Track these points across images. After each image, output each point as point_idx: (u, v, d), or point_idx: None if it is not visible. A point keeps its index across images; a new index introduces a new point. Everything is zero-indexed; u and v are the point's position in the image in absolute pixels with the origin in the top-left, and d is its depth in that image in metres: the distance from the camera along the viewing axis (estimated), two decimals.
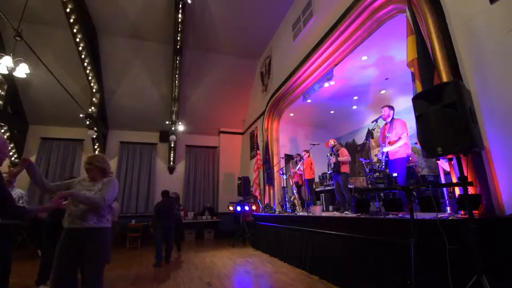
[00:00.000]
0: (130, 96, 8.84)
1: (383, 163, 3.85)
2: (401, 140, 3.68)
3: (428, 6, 2.91)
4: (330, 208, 6.43)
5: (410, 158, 4.12)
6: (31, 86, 7.85)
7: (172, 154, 9.87)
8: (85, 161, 2.26)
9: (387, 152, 3.84)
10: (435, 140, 2.03)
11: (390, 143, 3.81)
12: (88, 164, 2.23)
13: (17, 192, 3.20)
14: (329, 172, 5.88)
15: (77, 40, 6.60)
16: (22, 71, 4.34)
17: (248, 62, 9.15)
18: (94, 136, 8.25)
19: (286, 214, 5.88)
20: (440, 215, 2.32)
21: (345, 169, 4.97)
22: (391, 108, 3.98)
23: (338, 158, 4.95)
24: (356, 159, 7.92)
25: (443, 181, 3.16)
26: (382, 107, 4.02)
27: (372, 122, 4.22)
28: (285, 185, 7.52)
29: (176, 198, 6.53)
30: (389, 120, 3.94)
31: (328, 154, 5.42)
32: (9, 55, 4.17)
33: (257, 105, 9.01)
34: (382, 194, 4.01)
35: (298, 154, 6.70)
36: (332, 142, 5.40)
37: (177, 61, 7.77)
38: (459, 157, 2.04)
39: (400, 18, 3.74)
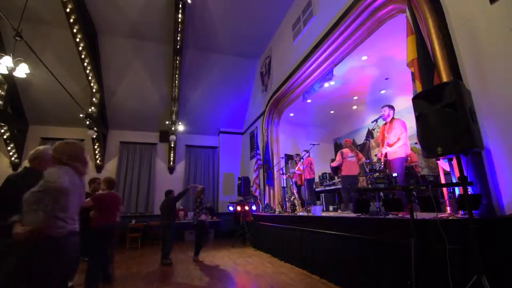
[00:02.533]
0: (130, 96, 8.83)
1: (382, 163, 3.86)
2: (400, 140, 3.68)
3: (428, 6, 2.91)
4: (330, 208, 6.44)
5: (409, 158, 4.12)
6: (31, 86, 7.84)
7: (172, 154, 9.86)
8: None
9: (385, 152, 3.85)
10: (435, 140, 2.03)
11: (390, 145, 3.81)
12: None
13: None
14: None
15: (77, 40, 6.60)
16: (22, 71, 4.33)
17: (248, 62, 9.15)
18: (94, 136, 8.25)
19: (286, 214, 5.88)
20: (440, 215, 2.32)
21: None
22: (391, 108, 3.98)
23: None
24: None
25: (443, 181, 3.16)
26: (382, 107, 4.02)
27: (372, 122, 4.21)
28: (285, 185, 7.52)
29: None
30: (389, 120, 3.93)
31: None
32: (9, 55, 4.17)
33: (257, 105, 9.00)
34: (382, 194, 4.02)
35: (298, 154, 6.70)
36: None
37: (177, 61, 7.77)
38: (459, 157, 2.04)
39: (400, 18, 3.74)
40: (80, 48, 6.78)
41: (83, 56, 6.94)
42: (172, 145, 9.67)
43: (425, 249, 2.28)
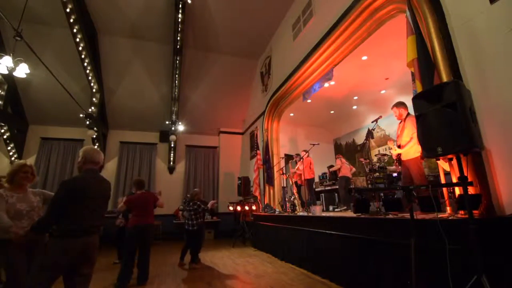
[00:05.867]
0: (130, 96, 8.83)
1: (397, 163, 3.77)
2: (412, 140, 3.45)
3: (428, 6, 2.91)
4: (330, 208, 6.45)
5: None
6: (31, 86, 7.84)
7: (172, 154, 9.86)
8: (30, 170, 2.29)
9: (398, 154, 3.67)
10: (435, 140, 2.03)
11: (402, 146, 3.61)
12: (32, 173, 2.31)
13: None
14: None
15: (77, 40, 6.60)
16: (22, 71, 4.34)
17: (248, 62, 9.14)
18: (94, 136, 8.25)
19: (286, 214, 5.88)
20: (440, 215, 2.32)
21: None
22: (400, 105, 3.67)
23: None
24: (356, 159, 7.92)
25: (443, 181, 3.15)
26: (391, 107, 3.78)
27: (372, 122, 4.20)
28: (285, 185, 7.52)
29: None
30: (403, 118, 3.66)
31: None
32: (9, 55, 4.17)
33: (257, 105, 9.00)
34: (382, 194, 4.00)
35: (298, 154, 6.71)
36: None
37: (177, 61, 7.77)
38: (459, 157, 2.04)
39: (400, 18, 3.73)
40: (80, 48, 6.78)
41: (83, 56, 6.94)
42: (172, 145, 9.67)
43: (425, 249, 2.28)
